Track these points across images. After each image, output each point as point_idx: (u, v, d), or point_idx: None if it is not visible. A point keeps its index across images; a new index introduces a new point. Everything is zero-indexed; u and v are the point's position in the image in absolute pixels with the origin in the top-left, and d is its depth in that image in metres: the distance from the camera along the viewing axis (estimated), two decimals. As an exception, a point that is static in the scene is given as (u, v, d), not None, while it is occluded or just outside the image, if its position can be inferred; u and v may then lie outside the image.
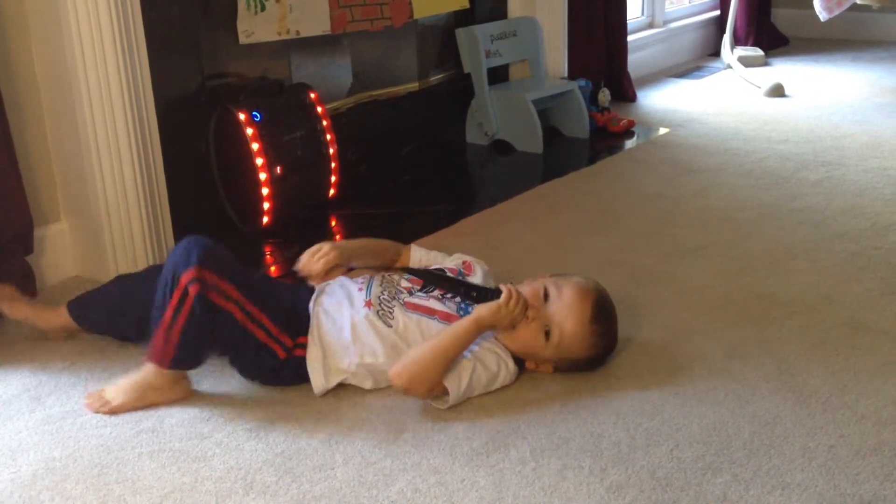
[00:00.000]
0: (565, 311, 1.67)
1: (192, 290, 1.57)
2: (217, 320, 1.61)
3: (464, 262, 1.87)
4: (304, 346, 1.68)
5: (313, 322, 1.70)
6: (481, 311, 1.65)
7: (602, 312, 1.71)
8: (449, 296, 1.73)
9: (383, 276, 1.78)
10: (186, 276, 1.58)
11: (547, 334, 1.67)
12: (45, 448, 1.56)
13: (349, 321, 1.69)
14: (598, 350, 1.72)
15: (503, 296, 1.65)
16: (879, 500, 1.38)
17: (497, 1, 3.41)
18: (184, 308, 1.58)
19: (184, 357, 1.64)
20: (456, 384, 1.62)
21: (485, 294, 1.69)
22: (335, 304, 1.72)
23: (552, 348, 1.68)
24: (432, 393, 1.63)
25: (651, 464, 1.47)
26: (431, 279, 1.76)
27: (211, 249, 1.63)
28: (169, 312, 1.60)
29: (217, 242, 1.70)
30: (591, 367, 1.75)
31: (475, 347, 1.68)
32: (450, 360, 1.62)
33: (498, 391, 1.69)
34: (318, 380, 1.67)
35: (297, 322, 1.69)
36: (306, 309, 1.72)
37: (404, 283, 1.76)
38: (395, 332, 1.67)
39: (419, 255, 1.92)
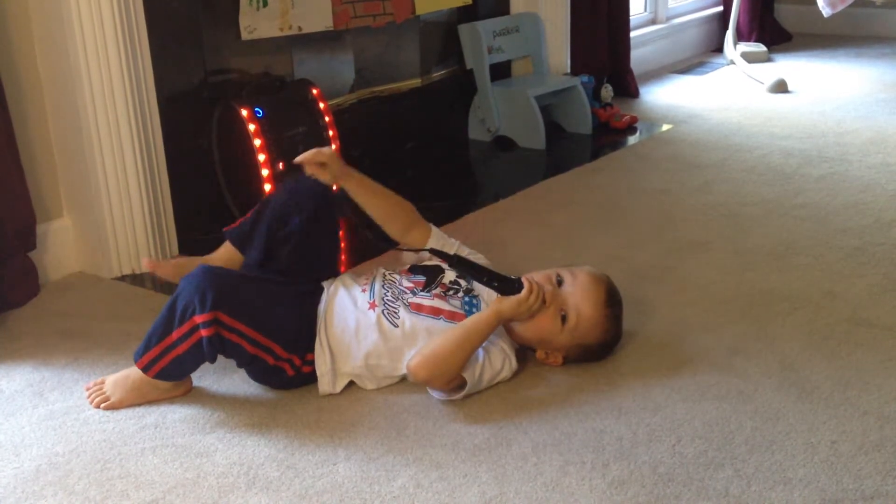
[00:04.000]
0: (582, 294, 1.69)
1: (205, 332, 1.56)
2: (225, 351, 1.61)
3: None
4: (311, 363, 1.67)
5: (320, 325, 1.69)
6: (503, 305, 1.65)
7: (615, 297, 1.74)
8: (451, 292, 1.73)
9: (384, 276, 1.78)
10: (200, 319, 1.56)
11: (563, 318, 1.68)
12: (48, 443, 1.56)
13: (354, 322, 1.68)
14: (610, 336, 1.74)
15: (524, 290, 1.65)
16: (881, 495, 1.38)
17: (499, -3, 3.41)
18: (190, 339, 1.57)
19: (170, 374, 1.64)
20: (472, 375, 1.62)
21: (507, 284, 1.67)
22: (341, 306, 1.71)
23: (568, 333, 1.69)
24: (450, 386, 1.62)
25: (653, 459, 1.47)
26: (457, 264, 1.71)
27: (225, 288, 1.59)
28: (175, 335, 1.58)
29: (225, 270, 1.70)
30: (600, 356, 1.75)
31: (484, 343, 1.68)
32: (469, 352, 1.62)
33: (500, 387, 1.69)
34: (326, 387, 1.68)
35: (306, 338, 1.68)
36: (314, 320, 1.70)
37: (406, 283, 1.75)
38: (401, 333, 1.67)
39: (438, 241, 1.86)
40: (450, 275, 1.77)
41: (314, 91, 2.55)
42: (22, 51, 2.10)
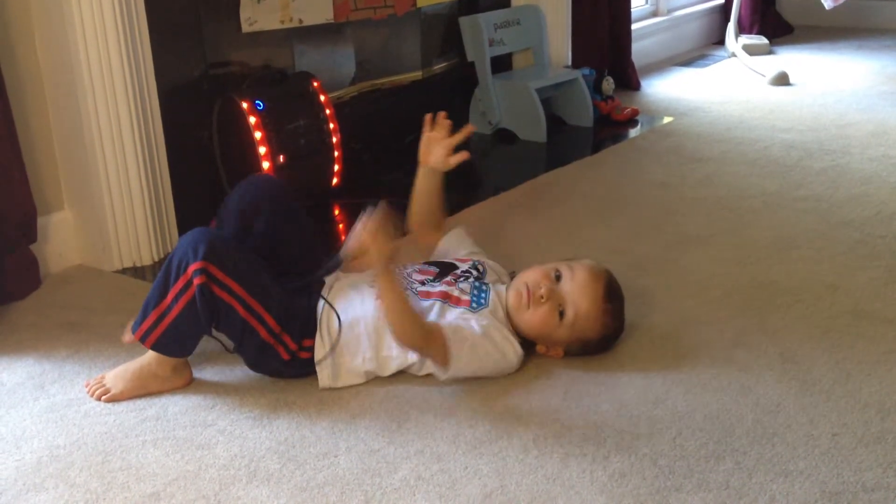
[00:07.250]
0: (579, 290, 1.69)
1: (196, 281, 1.57)
2: (219, 313, 1.61)
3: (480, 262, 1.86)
4: (309, 350, 1.67)
5: (322, 321, 1.68)
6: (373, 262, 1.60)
7: (613, 292, 1.74)
8: (462, 279, 1.74)
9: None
10: (193, 268, 1.57)
11: (561, 314, 1.69)
12: (49, 436, 1.56)
13: (362, 317, 1.68)
14: (610, 331, 1.74)
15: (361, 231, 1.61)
16: (882, 487, 1.38)
17: (500, -11, 3.40)
18: (185, 296, 1.58)
19: (168, 343, 1.63)
20: (458, 347, 1.63)
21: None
22: (345, 301, 1.71)
23: (566, 328, 1.70)
24: (436, 348, 1.62)
25: (654, 452, 1.47)
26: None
27: (217, 244, 1.61)
28: (170, 296, 1.59)
29: (224, 236, 1.70)
30: (601, 350, 1.76)
31: (483, 322, 1.67)
32: (401, 306, 1.59)
33: (501, 379, 1.69)
34: (325, 381, 1.67)
35: (303, 324, 1.68)
36: (314, 311, 1.70)
37: (417, 276, 1.76)
38: None
39: (454, 239, 1.92)
40: (463, 267, 1.78)
41: (315, 84, 2.55)
42: (22, 43, 2.10)
